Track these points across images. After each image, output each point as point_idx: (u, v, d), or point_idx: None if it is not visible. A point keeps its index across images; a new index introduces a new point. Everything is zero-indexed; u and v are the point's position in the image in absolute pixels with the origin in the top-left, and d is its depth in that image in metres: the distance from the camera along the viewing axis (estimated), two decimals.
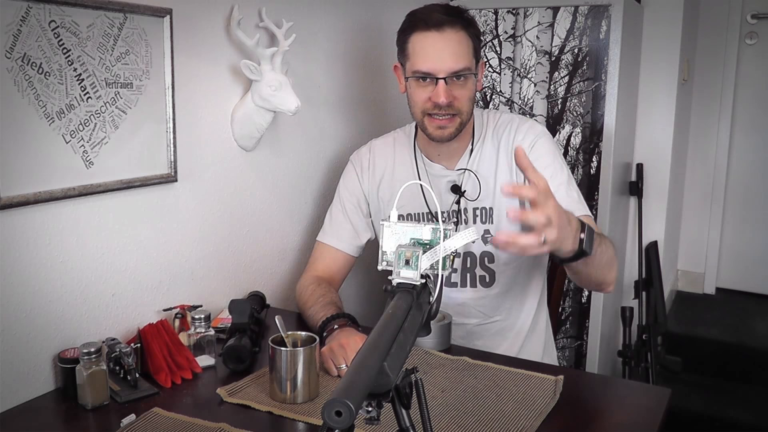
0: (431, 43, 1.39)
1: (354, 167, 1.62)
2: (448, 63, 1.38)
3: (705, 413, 2.48)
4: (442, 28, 1.38)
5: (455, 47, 1.38)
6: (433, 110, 1.41)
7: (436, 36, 1.38)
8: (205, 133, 1.49)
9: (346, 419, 0.56)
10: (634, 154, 2.68)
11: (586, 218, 1.39)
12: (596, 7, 2.16)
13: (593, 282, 1.34)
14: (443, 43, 1.38)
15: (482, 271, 1.54)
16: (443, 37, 1.38)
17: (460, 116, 1.43)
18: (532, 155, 1.46)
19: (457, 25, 1.39)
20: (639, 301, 2.57)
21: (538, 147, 1.47)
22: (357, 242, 1.61)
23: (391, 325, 0.71)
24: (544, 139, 1.49)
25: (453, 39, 1.38)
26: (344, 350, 1.23)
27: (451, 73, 1.38)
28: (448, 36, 1.38)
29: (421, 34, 1.40)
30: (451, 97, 1.39)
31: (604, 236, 1.29)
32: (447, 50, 1.38)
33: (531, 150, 1.47)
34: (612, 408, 1.05)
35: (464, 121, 1.44)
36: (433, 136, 1.45)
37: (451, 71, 1.38)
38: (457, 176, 1.53)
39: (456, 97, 1.40)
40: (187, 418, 1.08)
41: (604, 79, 2.18)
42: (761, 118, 3.08)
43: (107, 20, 1.22)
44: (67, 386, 1.16)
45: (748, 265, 3.17)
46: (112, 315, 1.31)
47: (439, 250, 0.81)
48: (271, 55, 1.46)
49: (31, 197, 1.13)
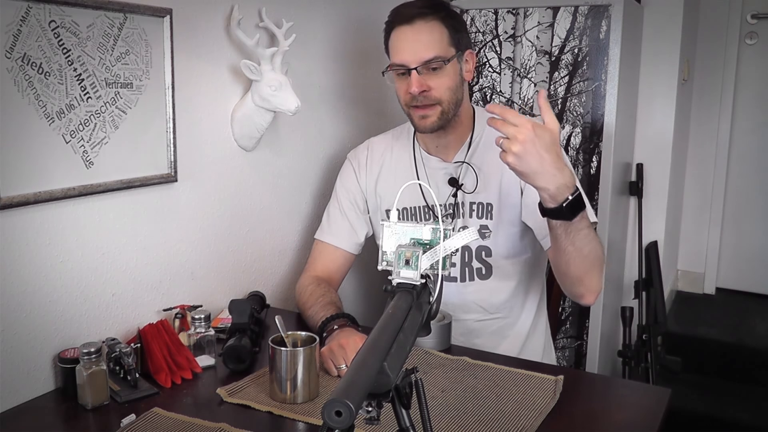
0: (403, 37, 1.43)
1: (351, 164, 1.63)
2: (419, 53, 1.40)
3: (705, 413, 2.48)
4: (413, 20, 1.42)
5: (425, 37, 1.41)
6: (412, 102, 1.43)
7: (407, 29, 1.42)
8: (205, 133, 1.49)
9: (346, 419, 0.56)
10: (634, 154, 2.68)
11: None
12: (596, 7, 2.16)
13: (574, 276, 1.34)
14: (413, 35, 1.41)
15: (479, 263, 1.54)
16: (413, 29, 1.41)
17: (441, 105, 1.43)
18: None
19: (429, 16, 1.42)
20: (639, 301, 2.57)
21: None
22: (355, 240, 1.61)
23: (391, 325, 0.71)
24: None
25: (423, 30, 1.41)
26: (344, 350, 1.23)
27: (421, 62, 1.40)
28: (417, 27, 1.41)
29: (397, 29, 1.44)
30: (426, 86, 1.41)
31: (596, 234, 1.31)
32: (417, 42, 1.41)
33: None
34: (612, 408, 1.05)
35: (446, 109, 1.44)
36: (418, 126, 1.47)
37: (421, 60, 1.40)
38: (454, 169, 1.53)
39: (431, 86, 1.41)
40: (187, 418, 1.08)
41: (604, 79, 2.18)
42: (761, 118, 3.08)
43: (107, 20, 1.22)
44: (67, 386, 1.16)
45: (748, 265, 3.17)
46: (112, 315, 1.31)
47: (439, 250, 0.81)
48: (271, 55, 1.46)
49: (31, 197, 1.13)
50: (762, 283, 3.14)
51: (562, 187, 1.16)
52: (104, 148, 1.25)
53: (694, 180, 3.19)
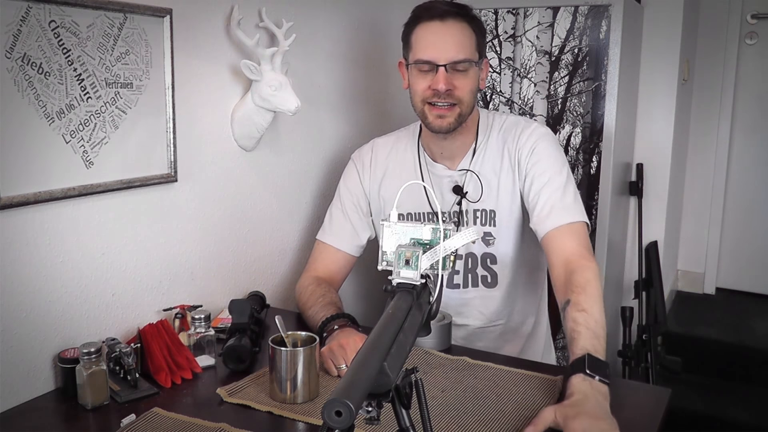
0: (433, 32, 1.40)
1: (355, 165, 1.62)
2: (450, 52, 1.38)
3: (705, 413, 2.48)
4: (445, 18, 1.39)
5: (458, 37, 1.39)
6: (432, 98, 1.41)
7: (439, 25, 1.39)
8: (205, 133, 1.49)
9: (346, 419, 0.56)
10: (634, 154, 2.68)
11: (578, 225, 1.38)
12: (596, 7, 2.16)
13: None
14: (445, 32, 1.39)
15: (484, 271, 1.54)
16: (445, 26, 1.39)
17: (460, 106, 1.42)
18: (532, 158, 1.46)
19: (459, 17, 1.40)
20: (639, 301, 2.57)
21: (538, 150, 1.46)
22: (357, 242, 1.61)
23: (391, 325, 0.71)
24: (545, 143, 1.47)
25: (456, 29, 1.39)
26: (344, 350, 1.23)
27: (451, 61, 1.38)
28: (450, 25, 1.39)
29: (425, 24, 1.41)
30: (451, 85, 1.39)
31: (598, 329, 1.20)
32: (449, 39, 1.39)
33: (532, 153, 1.46)
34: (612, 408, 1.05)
35: (464, 112, 1.43)
36: (432, 125, 1.44)
37: (451, 60, 1.38)
38: (459, 176, 1.53)
39: (456, 86, 1.40)
40: (187, 418, 1.08)
41: (604, 79, 2.18)
42: (761, 118, 3.08)
43: (107, 20, 1.22)
44: (67, 386, 1.16)
45: (748, 265, 3.17)
46: (112, 315, 1.31)
47: (439, 250, 0.81)
48: (271, 55, 1.46)
49: (31, 197, 1.13)
50: (762, 283, 3.14)
51: (605, 394, 1.07)
52: (104, 148, 1.25)
53: (694, 180, 3.19)
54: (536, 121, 1.58)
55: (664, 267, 2.73)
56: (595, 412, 0.99)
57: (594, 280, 1.27)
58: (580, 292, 1.25)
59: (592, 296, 1.24)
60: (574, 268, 1.30)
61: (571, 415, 0.98)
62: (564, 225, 1.38)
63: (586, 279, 1.27)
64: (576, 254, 1.33)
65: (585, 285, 1.26)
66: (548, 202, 1.40)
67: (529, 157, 1.46)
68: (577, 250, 1.34)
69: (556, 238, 1.37)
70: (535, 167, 1.45)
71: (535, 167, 1.45)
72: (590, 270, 1.29)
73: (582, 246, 1.36)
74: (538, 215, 1.41)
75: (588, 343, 1.15)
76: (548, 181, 1.42)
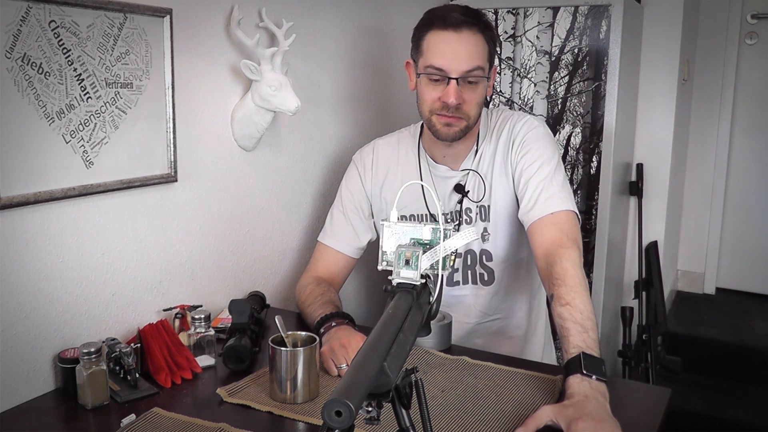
0: (447, 41, 1.38)
1: (356, 167, 1.61)
2: (463, 63, 1.37)
3: (705, 413, 2.48)
4: (460, 28, 1.38)
5: (471, 48, 1.38)
6: (441, 110, 1.41)
7: (453, 35, 1.38)
8: (205, 133, 1.49)
9: (346, 419, 0.56)
10: (634, 154, 2.68)
11: (562, 214, 1.36)
12: (596, 7, 2.16)
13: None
14: (459, 43, 1.38)
15: (481, 269, 1.54)
16: (460, 36, 1.38)
17: (467, 120, 1.42)
18: (521, 150, 1.46)
19: (474, 27, 1.39)
20: (639, 301, 2.57)
21: (528, 140, 1.46)
22: (357, 244, 1.61)
23: (391, 325, 0.71)
24: (536, 133, 1.46)
25: (469, 40, 1.38)
26: (345, 350, 1.23)
27: (463, 72, 1.37)
28: (464, 36, 1.38)
29: (438, 32, 1.39)
30: (461, 99, 1.38)
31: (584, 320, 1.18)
32: (462, 50, 1.37)
33: (521, 145, 1.46)
34: (612, 408, 1.05)
35: (470, 125, 1.44)
36: (439, 133, 1.44)
37: (463, 71, 1.37)
38: (461, 177, 1.53)
39: (465, 100, 1.39)
40: (187, 418, 1.08)
41: (604, 79, 2.18)
42: (761, 118, 3.08)
43: (107, 20, 1.22)
44: (67, 386, 1.16)
45: (748, 265, 3.17)
46: (112, 315, 1.31)
47: (439, 250, 0.81)
48: (271, 55, 1.46)
49: (31, 197, 1.13)
50: (762, 283, 3.14)
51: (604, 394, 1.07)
52: (104, 148, 1.25)
53: (694, 180, 3.19)
54: (528, 114, 1.58)
55: (664, 267, 2.73)
56: (597, 414, 0.99)
57: (572, 268, 1.25)
58: (561, 284, 1.23)
59: (572, 286, 1.22)
60: (553, 260, 1.28)
61: (574, 418, 0.98)
62: (546, 215, 1.37)
63: (564, 269, 1.25)
64: (555, 243, 1.31)
65: (564, 276, 1.24)
66: (534, 193, 1.40)
67: (519, 149, 1.46)
68: (557, 238, 1.32)
69: (538, 228, 1.37)
70: (524, 158, 1.45)
71: (524, 158, 1.45)
72: (567, 258, 1.26)
73: (563, 234, 1.33)
74: (524, 208, 1.41)
75: (579, 340, 1.13)
76: (536, 172, 1.42)
